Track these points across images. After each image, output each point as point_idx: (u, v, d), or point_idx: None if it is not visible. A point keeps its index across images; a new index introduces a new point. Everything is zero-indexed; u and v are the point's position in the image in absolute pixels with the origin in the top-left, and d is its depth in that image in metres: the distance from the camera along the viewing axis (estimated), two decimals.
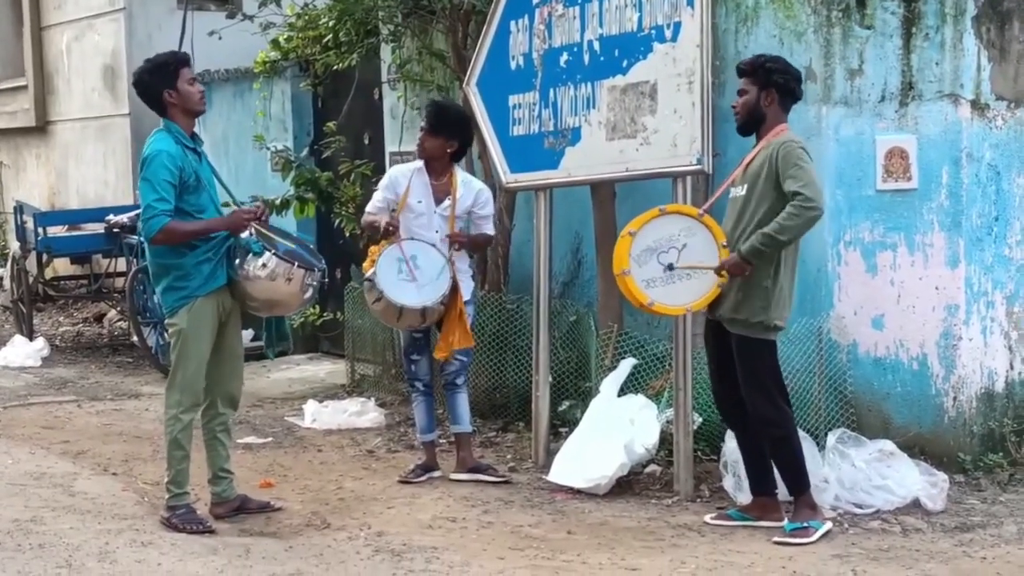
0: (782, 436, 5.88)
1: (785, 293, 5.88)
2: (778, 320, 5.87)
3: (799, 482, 5.89)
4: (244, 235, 6.07)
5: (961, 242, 6.47)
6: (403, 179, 7.01)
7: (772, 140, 5.87)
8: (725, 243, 5.88)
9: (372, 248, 7.03)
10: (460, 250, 6.95)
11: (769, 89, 5.92)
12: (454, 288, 6.83)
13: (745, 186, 5.90)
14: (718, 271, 5.85)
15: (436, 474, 7.03)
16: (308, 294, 6.17)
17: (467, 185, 7.03)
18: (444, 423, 7.67)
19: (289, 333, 10.72)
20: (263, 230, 6.12)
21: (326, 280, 6.33)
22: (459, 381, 7.07)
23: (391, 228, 6.82)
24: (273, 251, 6.02)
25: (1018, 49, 6.58)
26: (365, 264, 6.95)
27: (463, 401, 7.08)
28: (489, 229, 7.16)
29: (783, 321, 5.92)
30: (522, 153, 7.36)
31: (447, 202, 6.93)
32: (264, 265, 6.01)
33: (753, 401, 5.88)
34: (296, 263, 6.06)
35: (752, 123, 5.97)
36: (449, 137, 6.95)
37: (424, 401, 7.10)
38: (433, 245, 6.86)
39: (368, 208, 7.13)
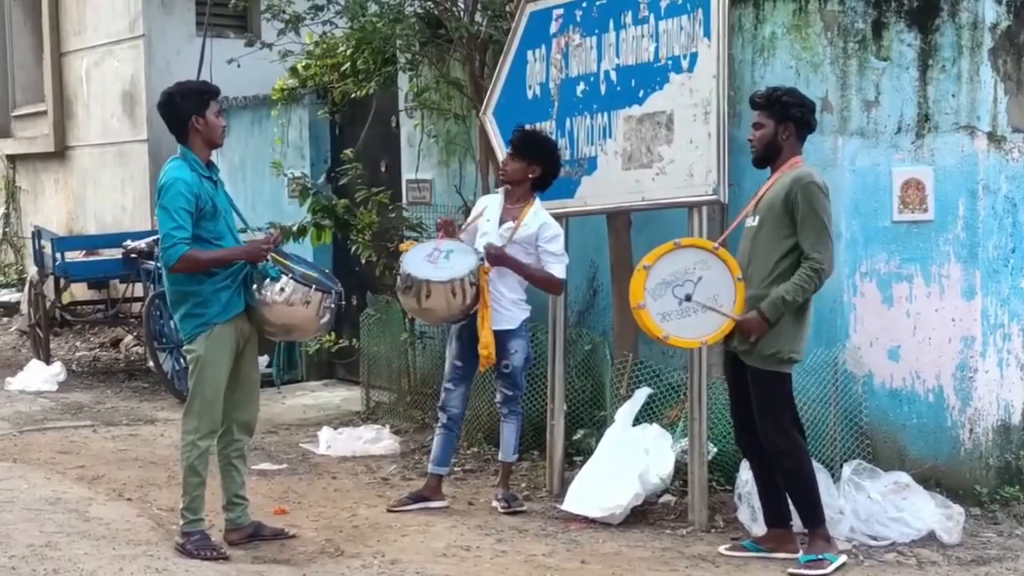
0: (795, 468, 5.87)
1: (801, 326, 5.88)
2: (793, 353, 5.87)
3: (813, 514, 5.88)
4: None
5: (977, 274, 6.46)
6: (487, 200, 7.14)
7: (787, 172, 5.88)
8: (740, 276, 5.89)
9: (403, 245, 7.11)
10: (492, 262, 6.75)
11: (787, 123, 5.92)
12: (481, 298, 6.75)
13: (758, 217, 5.91)
14: (736, 327, 5.85)
15: (433, 504, 6.97)
16: (325, 318, 6.18)
17: (536, 215, 6.90)
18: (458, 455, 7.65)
19: (298, 361, 10.78)
20: (279, 258, 6.14)
21: (343, 304, 6.34)
22: (504, 411, 7.04)
23: (439, 221, 7.03)
24: (290, 275, 6.05)
25: None
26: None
27: (508, 430, 7.02)
28: (554, 269, 6.83)
29: (798, 354, 5.92)
30: None
31: (510, 223, 6.90)
32: (282, 290, 6.03)
33: (767, 432, 5.87)
34: (313, 287, 6.09)
35: (769, 157, 5.97)
36: (531, 162, 6.92)
37: (444, 435, 7.04)
38: (476, 251, 6.83)
39: None
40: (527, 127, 7.15)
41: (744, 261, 5.94)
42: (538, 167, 6.93)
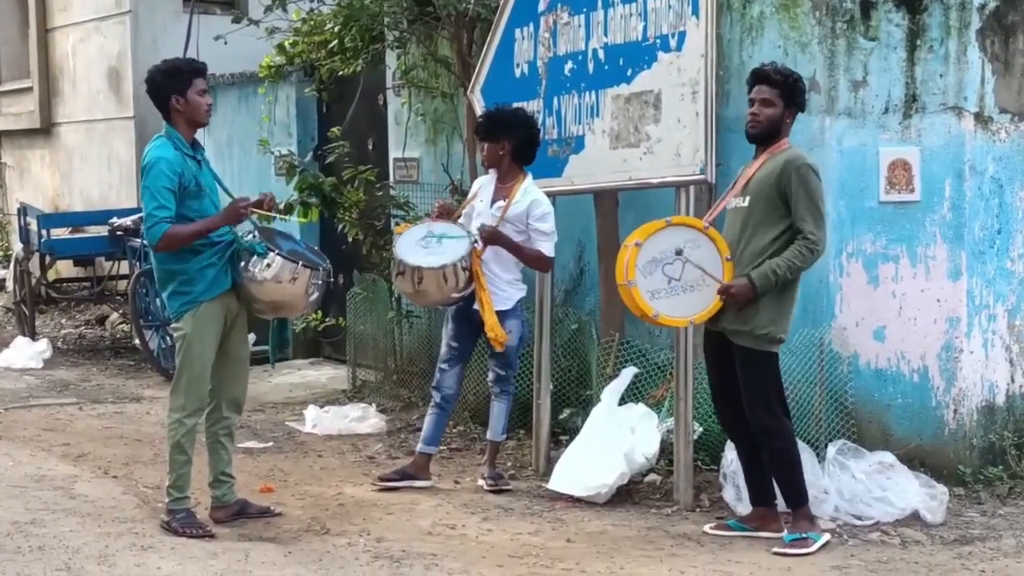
0: (781, 448, 5.88)
1: (789, 306, 5.89)
2: (782, 333, 5.88)
3: (797, 494, 5.90)
4: (247, 238, 6.09)
5: (963, 255, 6.47)
6: (481, 181, 7.14)
7: (778, 154, 5.86)
8: (729, 256, 5.88)
9: (398, 228, 7.16)
10: (487, 242, 6.77)
11: (793, 108, 5.94)
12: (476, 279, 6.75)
13: (748, 197, 5.90)
14: (723, 290, 5.85)
15: (418, 483, 6.97)
16: (314, 295, 6.17)
17: (527, 192, 6.91)
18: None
19: (290, 339, 10.78)
20: (266, 220, 6.09)
21: (331, 280, 6.34)
22: (496, 390, 7.07)
23: (436, 208, 7.06)
24: (277, 251, 6.03)
25: (1022, 62, 6.59)
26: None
27: (497, 410, 7.06)
28: (543, 247, 6.84)
29: (786, 333, 5.93)
30: None
31: (501, 202, 6.90)
32: (269, 266, 6.01)
33: (754, 412, 5.88)
34: (301, 262, 6.07)
35: (769, 135, 5.91)
36: (497, 140, 6.94)
37: (436, 414, 7.05)
38: (468, 233, 6.81)
39: None
40: (489, 110, 7.17)
41: (732, 241, 5.93)
42: (507, 142, 6.93)
